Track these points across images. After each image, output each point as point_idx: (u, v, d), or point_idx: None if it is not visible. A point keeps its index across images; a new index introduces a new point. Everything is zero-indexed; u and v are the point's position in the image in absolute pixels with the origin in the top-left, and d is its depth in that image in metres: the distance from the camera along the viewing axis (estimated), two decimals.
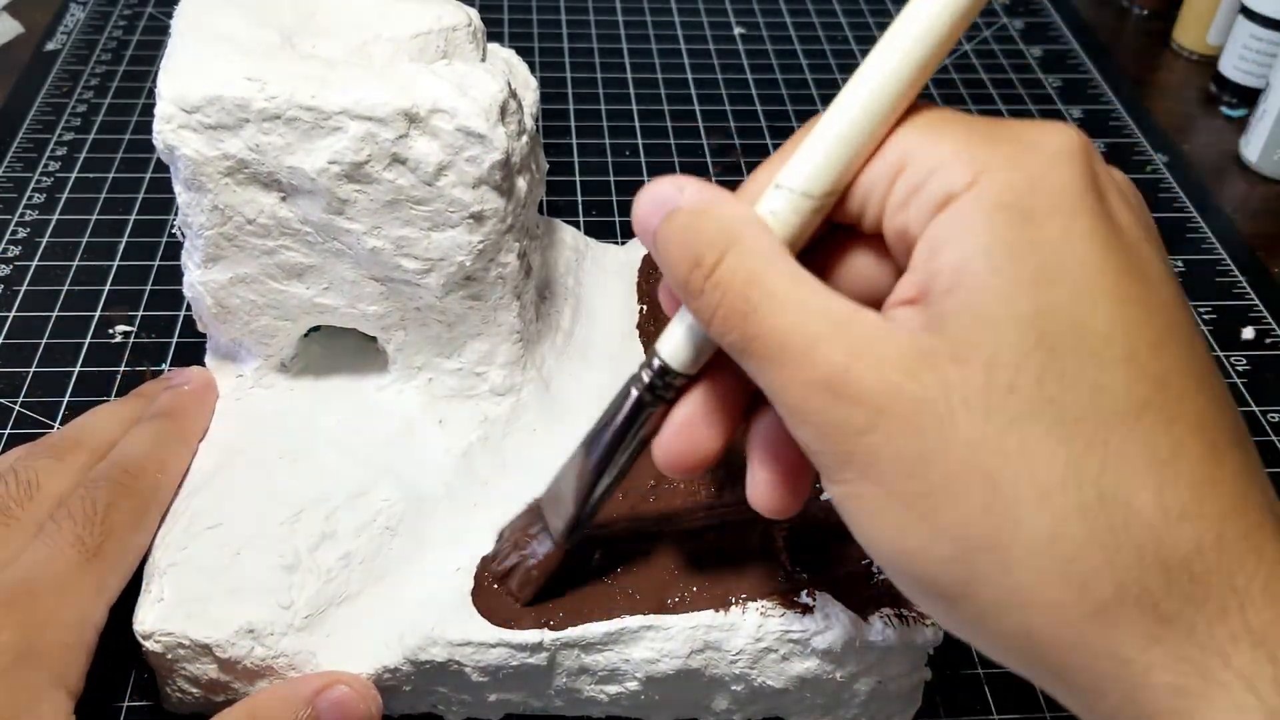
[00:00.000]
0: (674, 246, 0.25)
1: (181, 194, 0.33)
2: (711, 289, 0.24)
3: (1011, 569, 0.21)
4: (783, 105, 0.61)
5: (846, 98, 0.24)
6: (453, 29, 0.35)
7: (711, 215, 0.24)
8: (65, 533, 0.30)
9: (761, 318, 0.23)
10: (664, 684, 0.31)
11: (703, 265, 0.24)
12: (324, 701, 0.30)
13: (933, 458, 0.21)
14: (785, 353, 0.23)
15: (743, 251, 0.24)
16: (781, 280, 0.23)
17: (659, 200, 0.26)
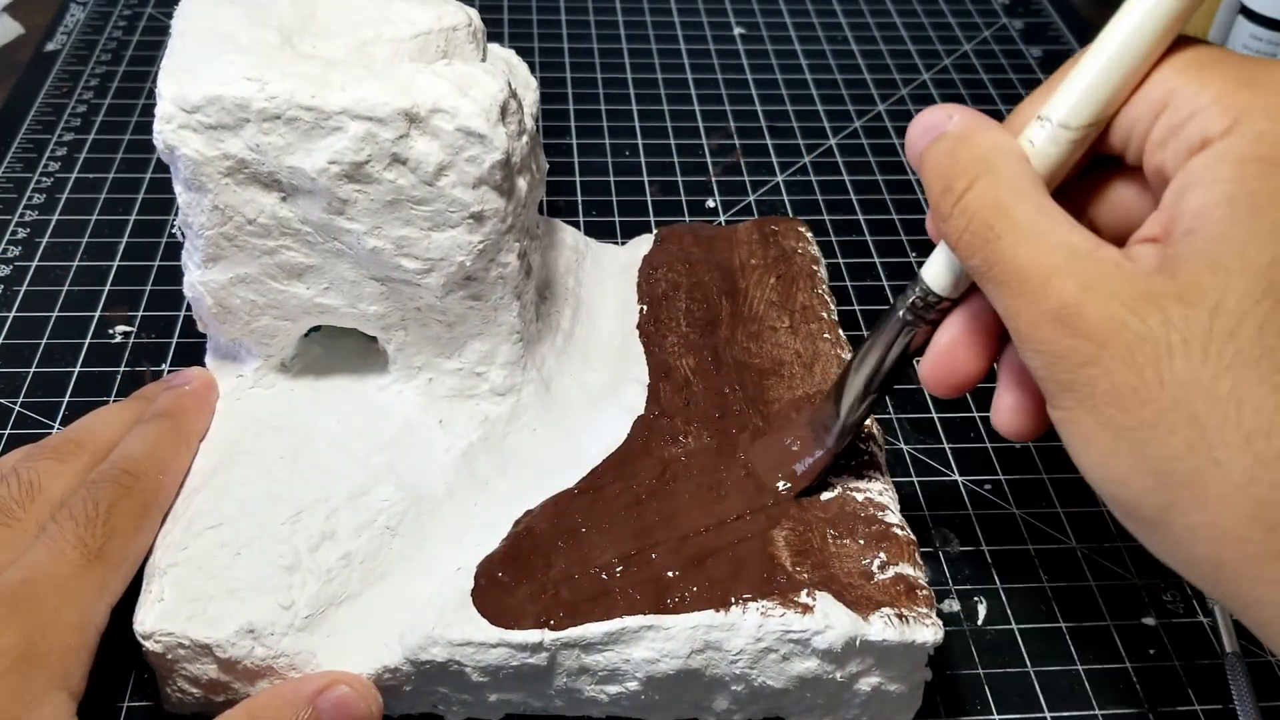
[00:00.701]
0: (932, 171, 0.26)
1: (181, 194, 0.33)
2: (959, 214, 0.25)
3: (1208, 504, 0.22)
4: (783, 105, 0.61)
5: (1111, 31, 0.24)
6: (453, 29, 0.35)
7: (971, 142, 0.26)
8: (67, 534, 0.30)
9: (1003, 246, 0.24)
10: (664, 684, 0.31)
11: (953, 190, 0.25)
12: (325, 701, 0.30)
13: (1147, 393, 0.22)
14: (1022, 282, 0.24)
15: (993, 180, 0.25)
16: (1026, 210, 0.24)
17: (928, 126, 0.27)
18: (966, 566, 0.38)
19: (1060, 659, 0.36)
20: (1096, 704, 0.35)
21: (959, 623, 0.37)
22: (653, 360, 0.39)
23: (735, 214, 0.53)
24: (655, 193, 0.54)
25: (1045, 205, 0.24)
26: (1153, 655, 0.36)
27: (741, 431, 0.36)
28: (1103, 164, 0.26)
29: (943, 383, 0.29)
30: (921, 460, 0.42)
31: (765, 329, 0.40)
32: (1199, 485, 0.22)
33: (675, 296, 0.41)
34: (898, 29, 0.68)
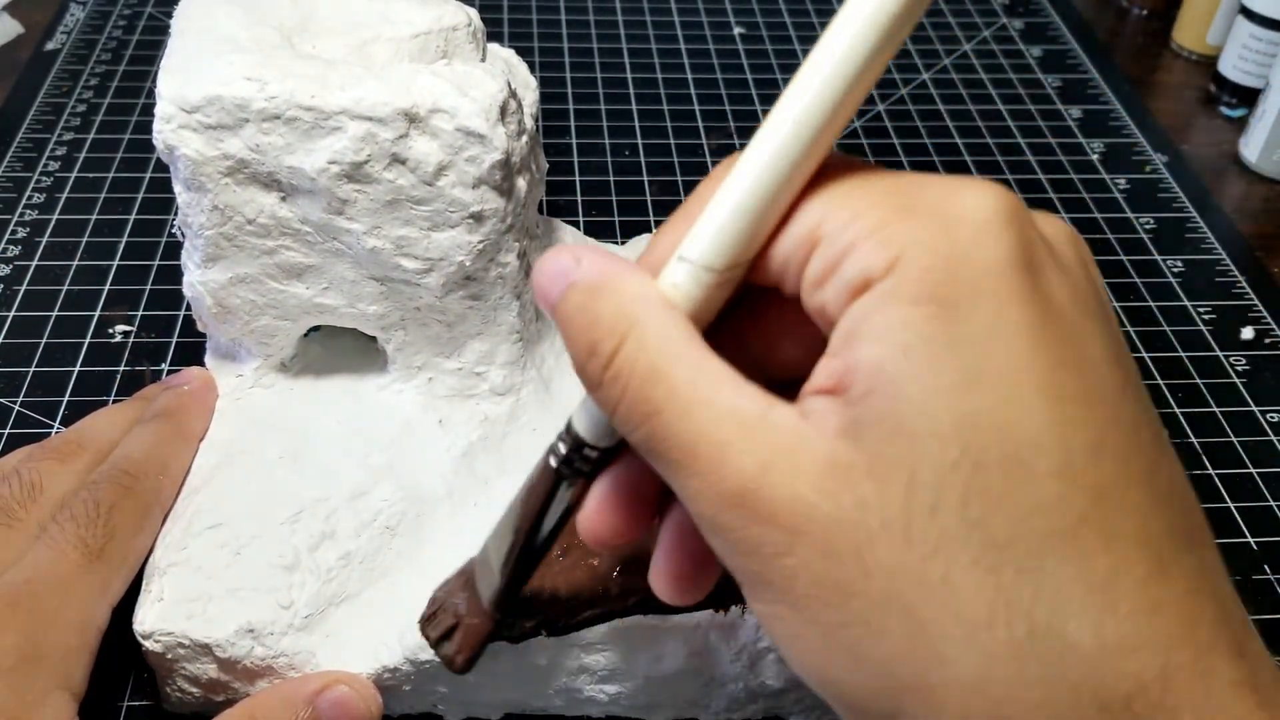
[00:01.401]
0: (571, 329, 0.23)
1: (181, 194, 0.33)
2: (610, 382, 0.22)
3: (939, 711, 0.19)
4: None
5: (747, 158, 0.21)
6: (453, 29, 0.35)
7: (607, 293, 0.22)
8: (68, 534, 0.30)
9: (665, 421, 0.21)
10: (664, 683, 0.31)
11: (598, 354, 0.22)
12: (324, 701, 0.30)
13: (852, 586, 0.19)
14: (694, 460, 0.20)
15: (642, 339, 0.21)
16: (683, 373, 0.21)
17: (556, 273, 0.23)
18: None
19: None
20: None
21: None
22: None
23: None
24: (655, 193, 0.54)
25: (704, 364, 0.21)
26: None
27: None
28: (761, 291, 0.23)
29: (600, 542, 0.25)
30: None
31: None
32: (927, 689, 0.19)
33: None
34: None
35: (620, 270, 0.23)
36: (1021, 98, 0.62)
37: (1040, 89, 0.63)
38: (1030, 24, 0.70)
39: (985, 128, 0.60)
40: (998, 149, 0.58)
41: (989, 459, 0.19)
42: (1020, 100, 0.62)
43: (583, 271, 0.23)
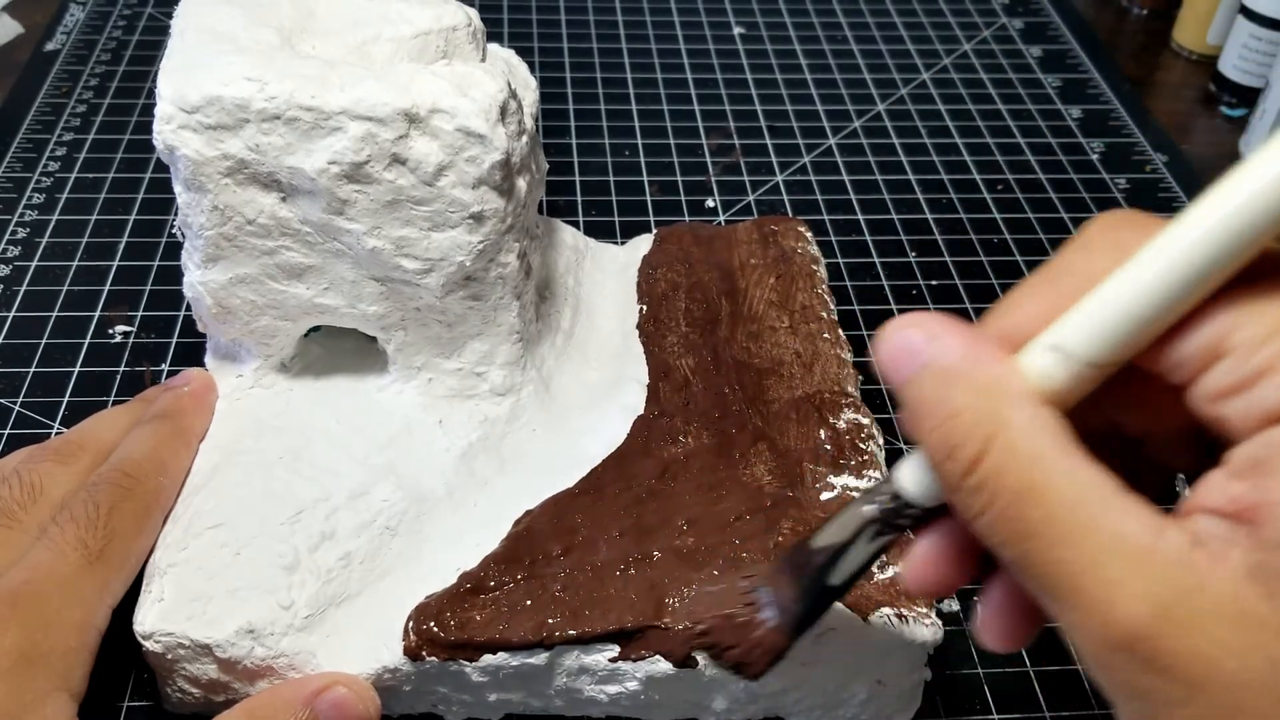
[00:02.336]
0: (923, 419, 0.20)
1: (181, 194, 0.33)
2: (973, 490, 0.20)
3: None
4: (782, 105, 0.61)
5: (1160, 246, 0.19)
6: (453, 29, 0.35)
7: (968, 384, 0.20)
8: (68, 535, 0.30)
9: (1043, 547, 0.19)
10: (663, 684, 0.31)
11: (957, 459, 0.20)
12: (323, 703, 0.30)
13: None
14: (1076, 595, 0.19)
15: (1011, 447, 0.19)
16: (1064, 494, 0.18)
17: (902, 350, 0.21)
18: None
19: (1060, 658, 0.36)
20: (1096, 704, 0.35)
21: (958, 622, 0.37)
22: (652, 360, 0.39)
23: (735, 214, 0.53)
24: (655, 193, 0.54)
25: (1084, 479, 0.19)
26: None
27: (741, 431, 0.36)
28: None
29: (925, 592, 0.24)
30: None
31: (765, 329, 0.40)
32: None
33: (675, 296, 0.41)
34: (897, 29, 0.68)
35: (981, 355, 0.20)
36: (1022, 97, 0.62)
37: (1040, 89, 0.63)
38: (1030, 24, 0.69)
39: (985, 127, 0.60)
40: (998, 149, 0.58)
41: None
42: (1020, 100, 0.62)
43: (936, 352, 0.20)
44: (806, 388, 0.37)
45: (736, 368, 0.38)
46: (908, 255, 0.51)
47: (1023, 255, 0.51)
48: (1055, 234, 0.53)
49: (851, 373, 0.38)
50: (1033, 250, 0.52)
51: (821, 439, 0.36)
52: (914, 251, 0.51)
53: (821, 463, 0.35)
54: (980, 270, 0.50)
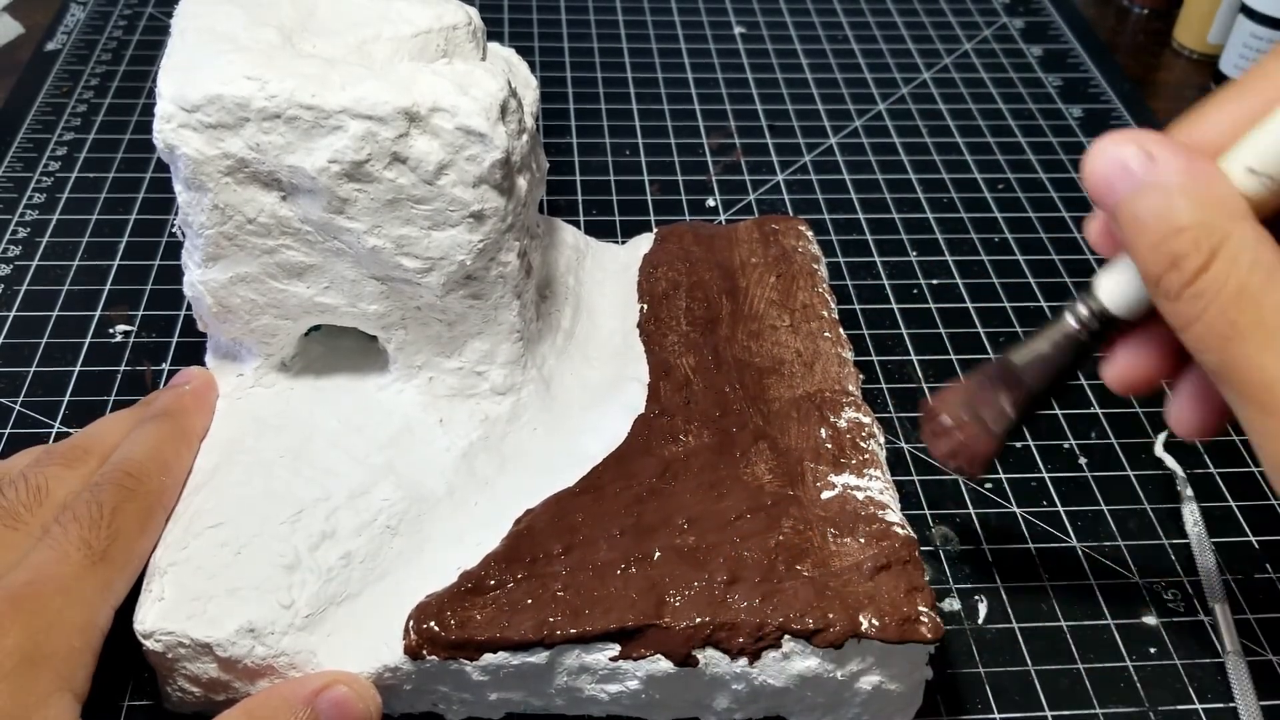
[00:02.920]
0: (1146, 234, 0.22)
1: (182, 193, 0.33)
2: (1192, 298, 0.21)
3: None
4: (783, 104, 0.61)
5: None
6: (453, 28, 0.35)
7: (1195, 201, 0.21)
8: (71, 536, 0.30)
9: (1249, 350, 0.20)
10: (664, 683, 0.31)
11: (1182, 269, 0.21)
12: (323, 702, 0.29)
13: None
14: (1272, 399, 0.20)
15: (1235, 259, 0.20)
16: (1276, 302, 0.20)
17: (1120, 166, 0.22)
18: (967, 565, 0.38)
19: (1061, 658, 0.36)
20: (1097, 703, 0.34)
21: (959, 621, 0.37)
22: (653, 359, 0.39)
23: (735, 213, 0.53)
24: (655, 192, 0.54)
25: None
26: (1153, 654, 0.36)
27: (742, 430, 0.36)
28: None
29: (1125, 387, 0.27)
30: (922, 459, 0.42)
31: (765, 328, 0.40)
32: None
33: (675, 295, 0.41)
34: (898, 28, 0.68)
35: (1201, 173, 0.21)
36: (1022, 97, 0.62)
37: (1041, 88, 0.63)
38: (1031, 23, 0.69)
39: (986, 127, 0.60)
40: (998, 148, 0.58)
41: None
42: (1021, 99, 0.62)
43: (1162, 172, 0.21)
44: (807, 387, 0.37)
45: (737, 367, 0.38)
46: (908, 254, 0.51)
47: (1023, 255, 0.51)
48: (1056, 233, 0.53)
49: (852, 371, 0.38)
50: (1033, 250, 0.52)
51: (822, 438, 0.36)
52: (915, 251, 0.51)
53: (822, 461, 0.35)
54: (981, 270, 0.50)
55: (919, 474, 0.41)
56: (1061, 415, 0.44)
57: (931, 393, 0.44)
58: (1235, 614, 0.37)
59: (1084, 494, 0.41)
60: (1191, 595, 0.38)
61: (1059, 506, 0.40)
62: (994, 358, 0.30)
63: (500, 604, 0.31)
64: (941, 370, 0.45)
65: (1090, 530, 0.40)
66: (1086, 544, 0.39)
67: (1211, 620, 0.37)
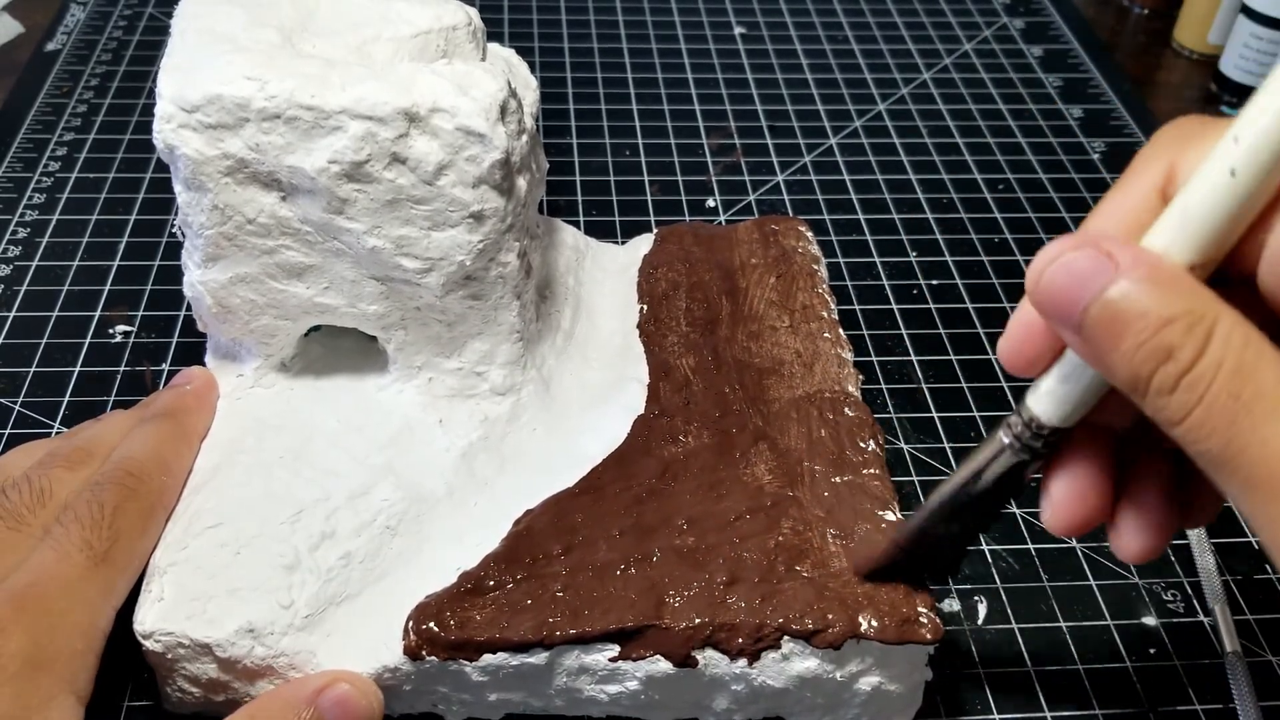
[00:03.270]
0: (1131, 334, 0.21)
1: (181, 193, 0.33)
2: (1189, 387, 0.20)
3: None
4: (783, 105, 0.61)
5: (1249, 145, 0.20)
6: (453, 28, 0.35)
7: (1177, 292, 0.21)
8: (72, 537, 0.30)
9: (1255, 423, 0.19)
10: (664, 684, 0.31)
11: (1178, 359, 0.20)
12: (326, 700, 0.29)
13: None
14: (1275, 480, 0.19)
15: (1227, 339, 0.20)
16: (1272, 375, 0.20)
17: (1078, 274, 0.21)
18: (966, 566, 0.38)
19: (1060, 659, 0.36)
20: (1097, 704, 0.34)
21: (959, 622, 0.37)
22: (653, 360, 0.39)
23: (735, 213, 0.53)
24: (655, 192, 0.54)
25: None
26: (1153, 655, 0.36)
27: (741, 431, 0.36)
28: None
29: (1068, 527, 0.26)
30: (921, 460, 0.42)
31: (765, 328, 0.40)
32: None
33: (675, 296, 0.41)
34: (898, 28, 0.68)
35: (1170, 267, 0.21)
36: (1022, 97, 0.62)
37: (1041, 88, 0.63)
38: (1031, 23, 0.69)
39: (986, 127, 0.60)
40: (998, 148, 0.58)
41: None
42: (1021, 100, 0.62)
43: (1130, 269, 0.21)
44: (807, 387, 0.37)
45: (737, 367, 0.38)
46: (908, 255, 0.51)
47: (1023, 255, 0.51)
48: (1056, 233, 0.53)
49: (852, 372, 0.38)
50: (1033, 250, 0.51)
51: (822, 438, 0.36)
52: (914, 251, 0.51)
53: (822, 462, 0.35)
54: (980, 270, 0.50)
55: (919, 475, 0.41)
56: None
57: (931, 393, 0.44)
58: (1235, 614, 0.37)
59: None
60: (1191, 596, 0.38)
61: None
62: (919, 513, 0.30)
63: (500, 604, 0.31)
64: (941, 371, 0.45)
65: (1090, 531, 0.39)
66: (1086, 544, 0.39)
67: (1211, 621, 0.37)
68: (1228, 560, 0.39)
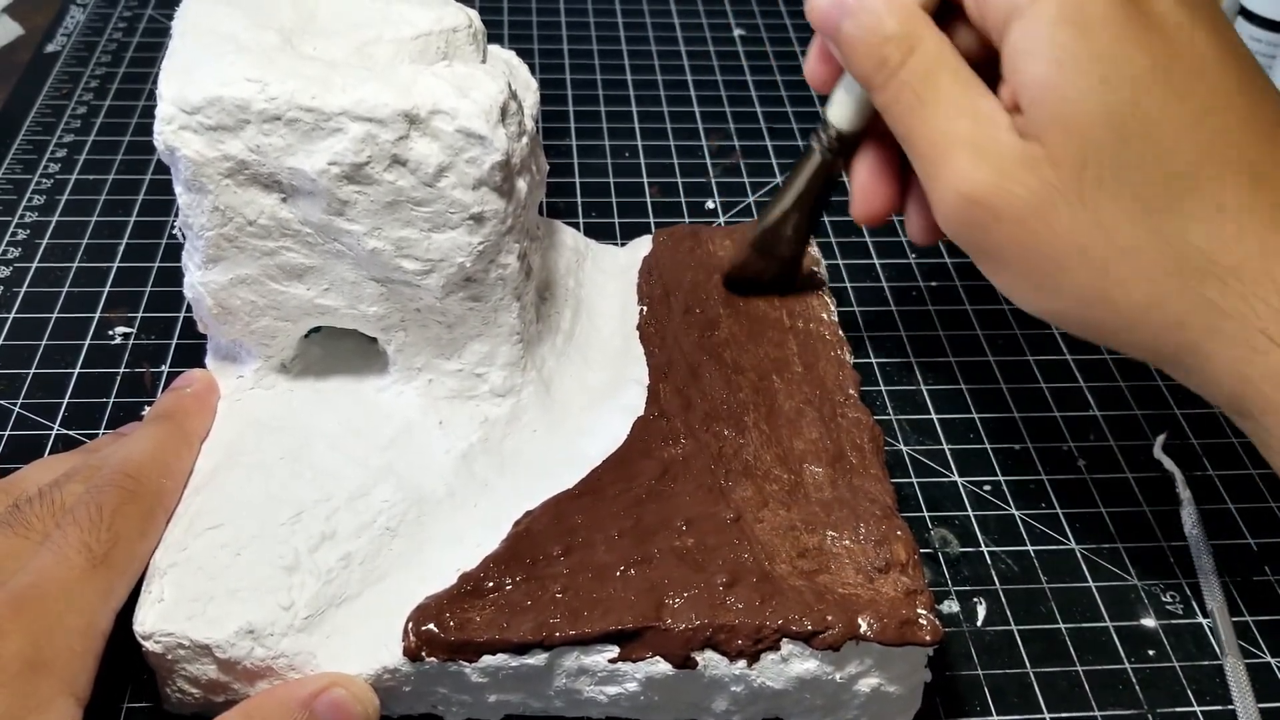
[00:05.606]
0: (862, 46, 0.30)
1: (182, 195, 0.33)
2: (896, 87, 0.30)
3: (1115, 304, 0.29)
4: (783, 106, 0.61)
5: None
6: (453, 30, 0.35)
7: (896, 17, 0.30)
8: (71, 539, 0.30)
9: (925, 115, 0.29)
10: (663, 685, 0.31)
11: (888, 64, 0.30)
12: (320, 704, 0.29)
13: (1043, 244, 0.28)
14: (933, 151, 0.29)
15: (924, 54, 0.29)
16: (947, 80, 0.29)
17: (833, 5, 0.31)
18: (966, 567, 0.38)
19: (1060, 660, 0.36)
20: (1096, 705, 0.35)
21: (958, 624, 0.37)
22: (653, 361, 0.39)
23: (735, 215, 0.53)
24: (655, 194, 0.54)
25: (963, 73, 0.29)
26: (1152, 656, 0.36)
27: (741, 433, 0.36)
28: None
29: (868, 215, 0.35)
30: (921, 461, 0.42)
31: (765, 329, 0.40)
32: (1107, 299, 0.29)
33: (675, 297, 0.41)
34: None
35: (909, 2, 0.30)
36: None
37: None
38: None
39: None
40: None
41: (1132, 136, 0.27)
42: None
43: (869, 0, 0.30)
44: (807, 389, 0.37)
45: (737, 369, 0.38)
46: (907, 256, 0.51)
47: None
48: None
49: (852, 373, 0.38)
50: None
51: (822, 440, 0.36)
52: (914, 253, 0.51)
53: (821, 463, 0.35)
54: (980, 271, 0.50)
55: (918, 476, 0.41)
56: (1060, 417, 0.44)
57: (930, 395, 0.44)
58: (1234, 616, 0.37)
59: (1083, 496, 0.41)
60: (1190, 597, 0.38)
61: (1058, 508, 0.40)
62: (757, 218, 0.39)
63: (499, 606, 0.31)
64: (941, 372, 0.45)
65: (1089, 532, 0.40)
66: (1085, 546, 0.39)
67: (1210, 622, 0.37)
68: (1226, 562, 0.39)
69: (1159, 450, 0.42)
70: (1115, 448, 0.43)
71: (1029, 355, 0.46)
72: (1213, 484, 0.41)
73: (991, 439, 0.43)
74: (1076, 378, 0.45)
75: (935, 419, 0.43)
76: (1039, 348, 0.47)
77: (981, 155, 0.29)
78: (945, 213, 0.30)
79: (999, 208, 0.28)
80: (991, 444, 0.43)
